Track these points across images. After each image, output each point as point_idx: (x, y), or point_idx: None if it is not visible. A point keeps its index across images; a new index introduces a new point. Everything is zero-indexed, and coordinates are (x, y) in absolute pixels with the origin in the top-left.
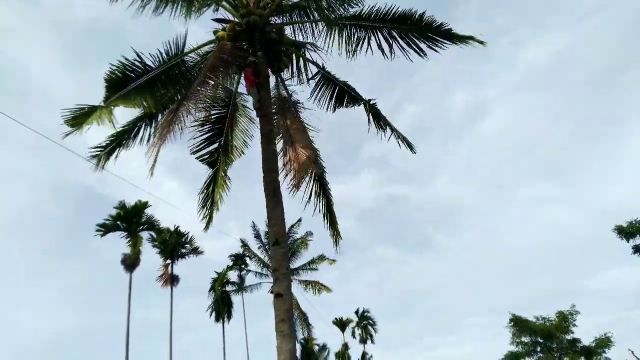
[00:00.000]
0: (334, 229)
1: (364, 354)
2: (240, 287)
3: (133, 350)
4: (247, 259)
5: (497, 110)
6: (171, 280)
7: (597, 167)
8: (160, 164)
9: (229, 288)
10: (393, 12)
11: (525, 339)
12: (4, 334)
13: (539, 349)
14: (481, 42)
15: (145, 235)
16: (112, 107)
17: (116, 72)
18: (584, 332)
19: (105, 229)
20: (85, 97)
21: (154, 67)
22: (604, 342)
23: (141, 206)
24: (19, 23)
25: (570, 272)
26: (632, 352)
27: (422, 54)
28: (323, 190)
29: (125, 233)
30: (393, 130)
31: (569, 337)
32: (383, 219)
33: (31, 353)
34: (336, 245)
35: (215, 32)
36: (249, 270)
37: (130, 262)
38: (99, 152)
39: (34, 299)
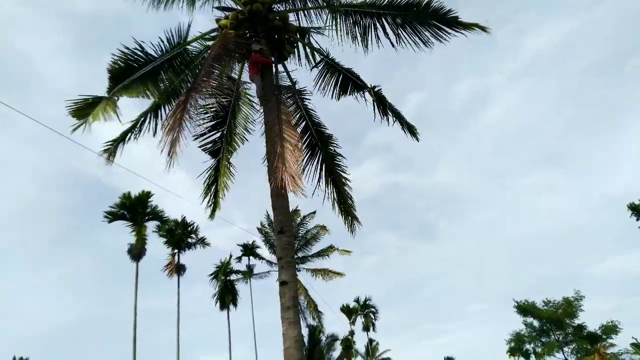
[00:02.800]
0: (349, 214)
1: (370, 341)
2: (249, 275)
3: (141, 337)
4: (259, 248)
5: (499, 98)
6: (178, 269)
7: (599, 154)
8: (166, 155)
9: (233, 277)
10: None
11: (532, 321)
12: (12, 323)
13: (543, 335)
14: (484, 29)
15: (151, 225)
16: (116, 98)
17: (119, 62)
18: (586, 319)
19: (113, 216)
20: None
21: (156, 56)
22: (610, 329)
23: (145, 196)
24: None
25: (571, 259)
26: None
27: (428, 45)
28: (333, 178)
29: (131, 223)
30: (397, 117)
31: (574, 323)
32: (386, 206)
33: (39, 341)
34: (352, 232)
35: (217, 21)
36: (263, 258)
37: (137, 252)
38: (109, 146)
39: (42, 288)
